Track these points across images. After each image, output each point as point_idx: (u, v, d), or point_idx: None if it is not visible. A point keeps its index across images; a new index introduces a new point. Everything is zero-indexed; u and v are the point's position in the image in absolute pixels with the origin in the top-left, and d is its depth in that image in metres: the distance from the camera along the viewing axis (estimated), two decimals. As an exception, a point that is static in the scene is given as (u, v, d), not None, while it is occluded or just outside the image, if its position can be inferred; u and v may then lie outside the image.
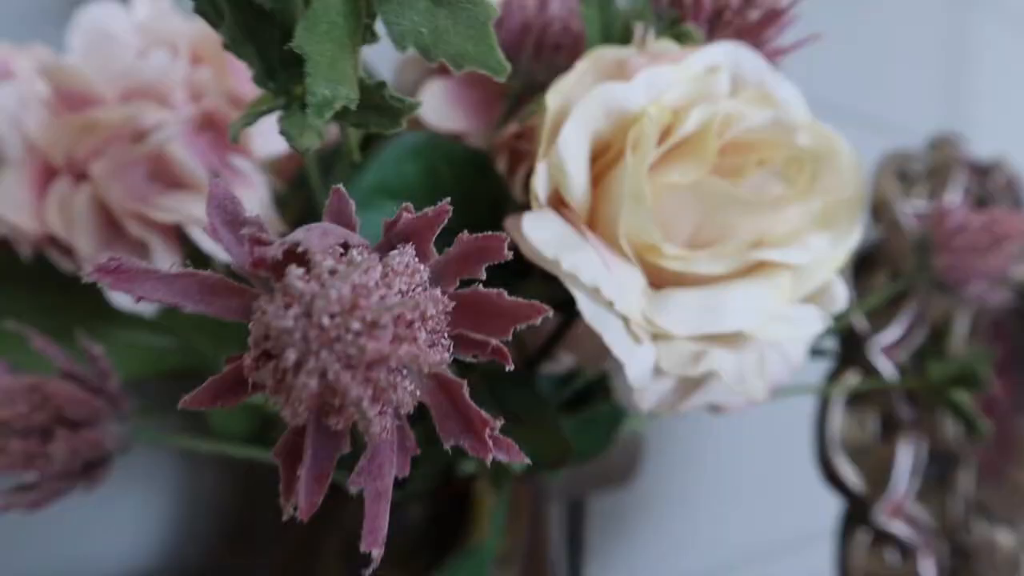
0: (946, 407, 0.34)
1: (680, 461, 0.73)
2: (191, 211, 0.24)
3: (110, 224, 0.24)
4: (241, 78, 0.27)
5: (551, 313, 0.13)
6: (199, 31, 0.27)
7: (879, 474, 0.36)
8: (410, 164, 0.22)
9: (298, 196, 0.32)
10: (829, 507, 0.51)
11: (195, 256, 0.26)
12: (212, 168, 0.26)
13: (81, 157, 0.23)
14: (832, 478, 0.36)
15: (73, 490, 0.24)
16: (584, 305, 0.19)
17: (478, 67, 0.12)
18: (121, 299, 0.25)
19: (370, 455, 0.14)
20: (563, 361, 0.32)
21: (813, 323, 0.21)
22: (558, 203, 0.20)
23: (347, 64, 0.13)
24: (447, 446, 0.14)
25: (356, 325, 0.11)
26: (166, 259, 0.24)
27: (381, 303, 0.11)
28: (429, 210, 0.13)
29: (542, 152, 0.20)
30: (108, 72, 0.25)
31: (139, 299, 0.13)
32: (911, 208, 0.36)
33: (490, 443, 0.14)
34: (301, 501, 0.14)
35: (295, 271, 0.11)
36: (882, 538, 0.36)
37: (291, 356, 0.11)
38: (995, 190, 0.43)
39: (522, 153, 0.28)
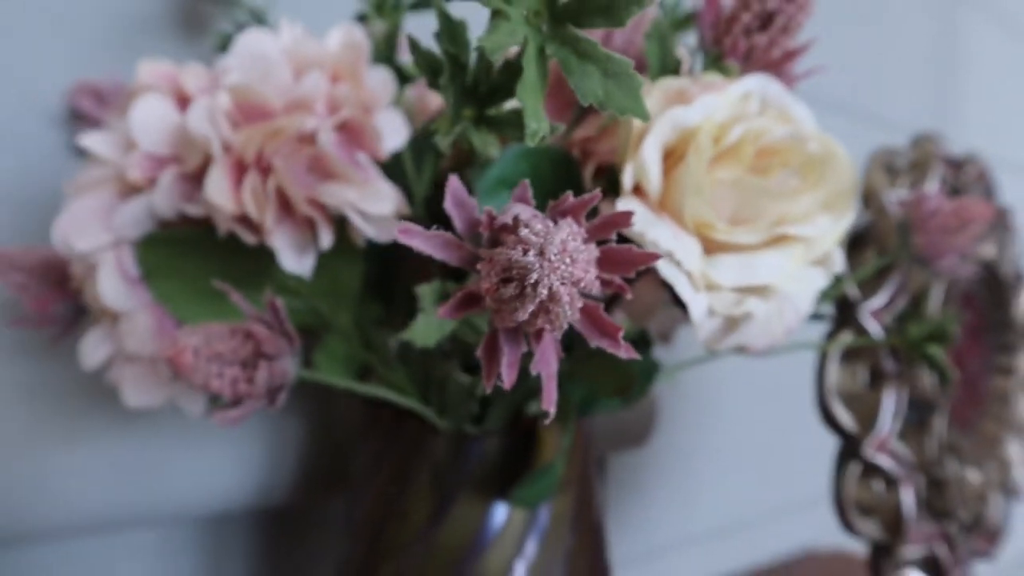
0: (923, 359, 0.43)
1: (692, 424, 0.82)
2: (346, 197, 0.33)
3: (284, 206, 0.33)
4: (372, 91, 0.36)
5: (663, 258, 0.23)
6: (337, 55, 0.36)
7: (868, 416, 0.45)
8: (523, 163, 0.32)
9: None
10: (826, 474, 0.60)
11: (342, 232, 0.36)
12: (348, 163, 0.36)
13: (267, 155, 0.32)
14: (829, 420, 0.45)
15: (260, 410, 0.33)
16: (662, 265, 0.28)
17: (633, 116, 0.21)
18: (288, 263, 0.34)
19: (542, 351, 0.24)
20: (614, 319, 0.42)
21: (818, 280, 0.31)
22: (638, 192, 0.30)
23: (540, 107, 0.22)
24: (592, 346, 0.24)
25: (568, 260, 0.20)
26: (326, 234, 0.34)
27: (576, 248, 0.21)
28: (585, 196, 0.23)
29: (629, 156, 0.29)
30: (271, 88, 0.34)
31: (416, 250, 0.22)
32: (895, 196, 0.46)
33: (621, 343, 0.23)
34: (506, 379, 0.23)
35: (525, 230, 0.21)
36: (870, 470, 0.46)
37: (533, 277, 0.20)
38: (968, 181, 0.53)
39: (591, 152, 0.37)
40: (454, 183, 0.23)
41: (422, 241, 0.22)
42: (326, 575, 0.58)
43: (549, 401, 0.24)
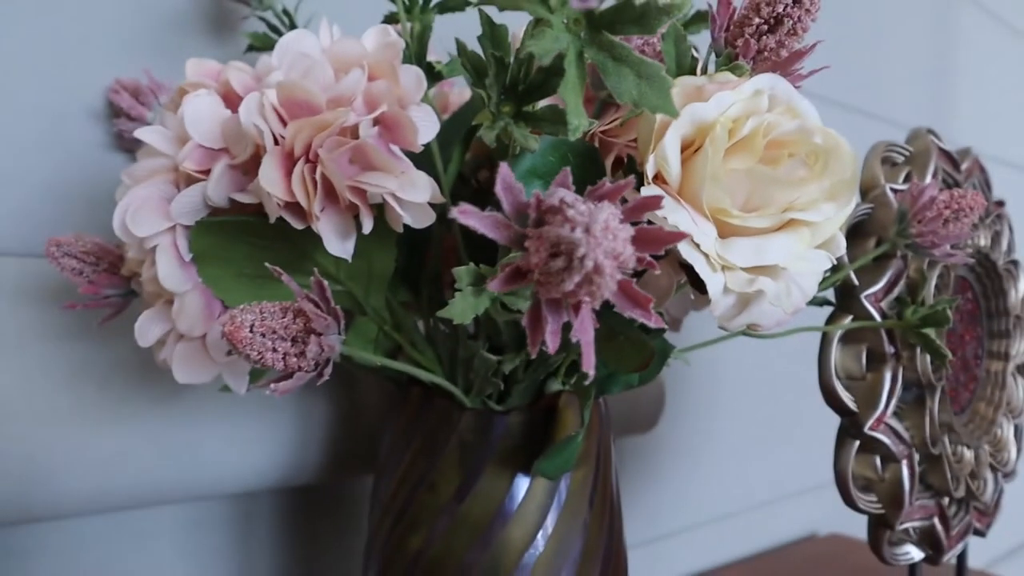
0: (918, 341, 0.47)
1: (695, 412, 0.85)
2: (387, 185, 0.36)
3: (329, 194, 0.36)
4: (406, 88, 0.39)
5: (688, 238, 0.26)
6: (374, 54, 0.39)
7: (867, 396, 0.48)
8: (551, 155, 0.35)
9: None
10: (824, 461, 0.62)
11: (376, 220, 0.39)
12: (387, 154, 0.39)
13: (314, 147, 0.36)
14: (831, 398, 0.49)
15: (308, 382, 0.36)
16: (682, 247, 0.32)
17: (663, 112, 0.25)
18: (332, 247, 0.37)
19: (580, 320, 0.27)
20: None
21: (823, 261, 0.34)
22: (659, 180, 0.33)
23: (580, 104, 0.25)
24: (625, 315, 0.27)
25: (611, 236, 0.24)
26: (368, 219, 0.37)
27: (617, 227, 0.24)
28: (621, 181, 0.26)
29: (651, 148, 0.33)
30: (315, 85, 0.38)
31: (473, 230, 0.25)
32: (894, 187, 0.49)
33: (652, 312, 0.27)
34: (550, 343, 0.27)
35: (571, 210, 0.24)
36: (869, 447, 0.49)
37: (581, 251, 0.23)
38: (965, 174, 0.57)
39: (609, 145, 0.41)
40: (504, 170, 0.26)
41: (477, 220, 0.25)
42: (350, 549, 0.61)
43: (588, 364, 0.27)
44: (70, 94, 0.50)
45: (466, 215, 0.25)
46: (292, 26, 0.53)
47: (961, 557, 0.62)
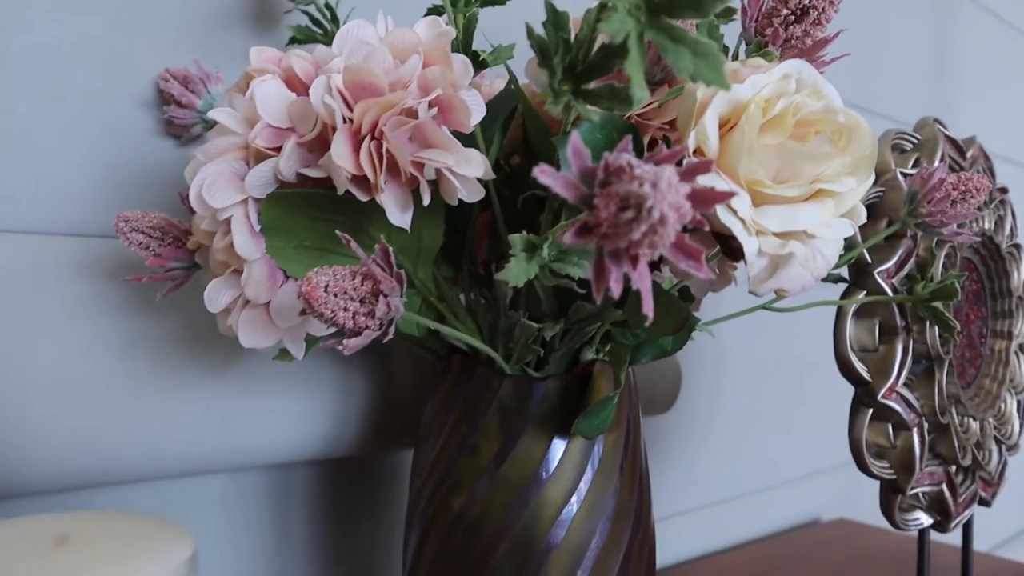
0: (928, 314, 0.51)
1: (702, 396, 0.89)
2: (445, 161, 0.41)
3: (392, 169, 0.41)
4: (457, 74, 0.44)
5: (736, 196, 0.30)
6: (428, 43, 0.44)
7: (880, 367, 0.53)
8: (598, 132, 0.39)
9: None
10: (828, 447, 0.65)
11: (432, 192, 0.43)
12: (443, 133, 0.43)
13: (380, 125, 0.40)
14: (847, 369, 0.53)
15: (373, 339, 0.40)
16: (721, 213, 0.36)
17: (717, 86, 0.29)
18: (394, 218, 0.42)
19: (639, 271, 0.31)
20: (663, 274, 0.50)
21: (846, 229, 0.39)
22: (699, 155, 0.38)
23: (643, 78, 0.30)
24: (680, 267, 0.31)
25: (674, 191, 0.28)
26: (427, 192, 0.41)
27: (679, 184, 0.28)
28: (676, 148, 0.30)
29: (692, 125, 0.37)
30: (378, 69, 0.42)
31: (553, 193, 0.29)
32: (904, 172, 0.54)
33: (704, 264, 0.31)
34: (613, 290, 0.31)
35: (639, 169, 0.28)
36: (882, 414, 0.54)
37: (649, 203, 0.28)
38: (970, 161, 0.61)
39: (645, 127, 0.45)
40: (575, 138, 0.30)
41: (551, 179, 0.30)
42: (385, 520, 0.65)
43: (648, 307, 0.31)
44: (121, 84, 0.54)
45: (544, 174, 0.29)
46: (334, 19, 0.57)
47: (967, 541, 0.66)
